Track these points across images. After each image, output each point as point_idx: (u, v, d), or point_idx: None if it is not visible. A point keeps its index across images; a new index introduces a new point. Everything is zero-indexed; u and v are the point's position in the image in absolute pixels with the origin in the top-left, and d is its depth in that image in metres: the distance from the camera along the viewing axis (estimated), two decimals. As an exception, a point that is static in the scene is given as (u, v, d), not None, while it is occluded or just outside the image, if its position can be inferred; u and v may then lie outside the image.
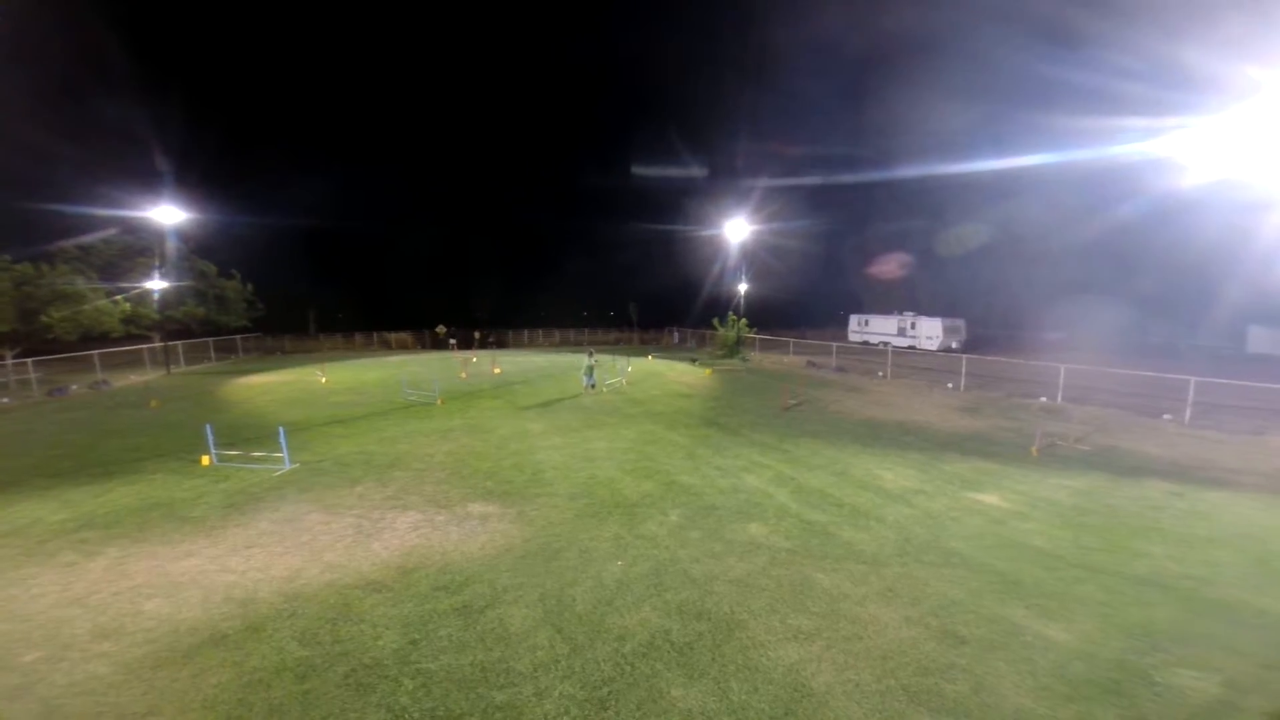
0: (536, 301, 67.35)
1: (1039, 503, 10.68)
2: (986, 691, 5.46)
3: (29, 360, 25.11)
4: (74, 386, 25.02)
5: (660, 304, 59.90)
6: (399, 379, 26.62)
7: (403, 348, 48.87)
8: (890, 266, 58.29)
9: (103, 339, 29.41)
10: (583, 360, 24.34)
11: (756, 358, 36.93)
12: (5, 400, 22.19)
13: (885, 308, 50.30)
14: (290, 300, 51.71)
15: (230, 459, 13.20)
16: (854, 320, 49.75)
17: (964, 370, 24.69)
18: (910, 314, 44.24)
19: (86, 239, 30.73)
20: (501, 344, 50.67)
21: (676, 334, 53.10)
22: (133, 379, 28.45)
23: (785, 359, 35.56)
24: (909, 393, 23.64)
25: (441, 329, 49.23)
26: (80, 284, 27.29)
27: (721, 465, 12.91)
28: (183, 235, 35.03)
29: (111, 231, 31.93)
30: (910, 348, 41.51)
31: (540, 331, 54.56)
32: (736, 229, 39.81)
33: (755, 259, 44.26)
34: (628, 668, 5.77)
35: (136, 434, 16.48)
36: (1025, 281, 47.61)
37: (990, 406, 20.54)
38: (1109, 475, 12.42)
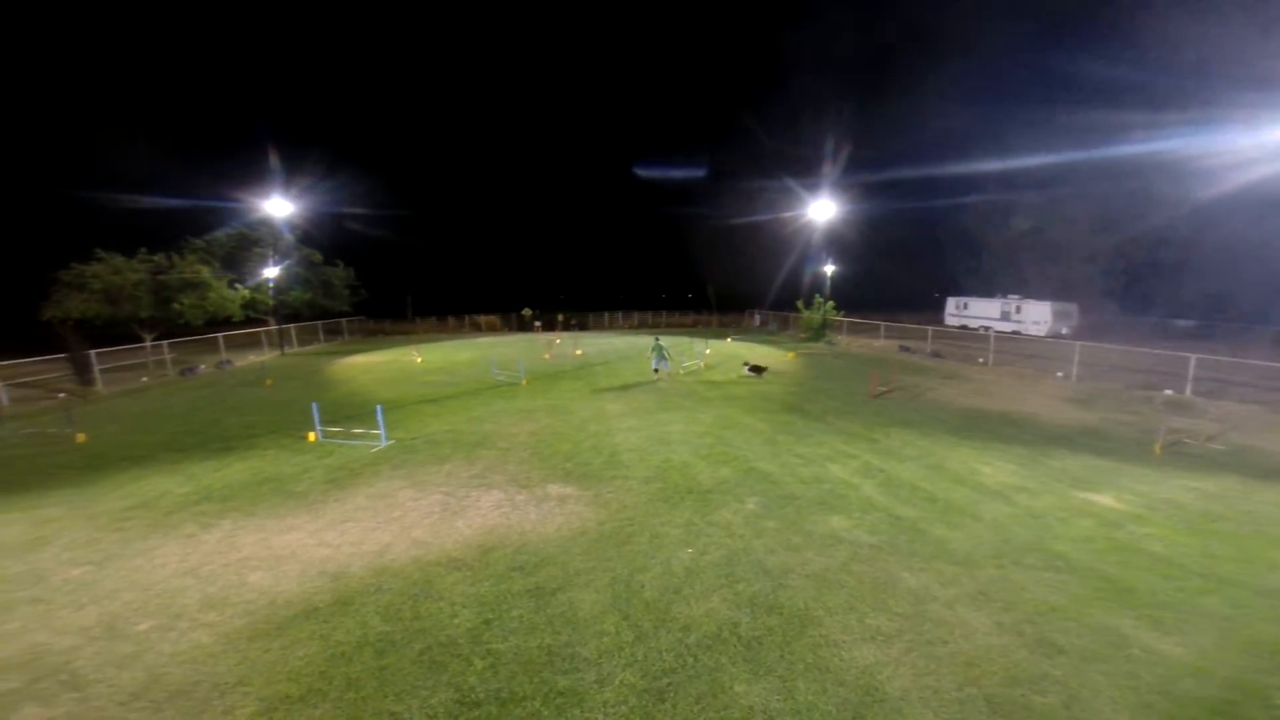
0: (616, 284, 68.07)
1: (1160, 505, 9.75)
2: (1079, 706, 5.08)
3: (164, 343, 27.88)
4: (201, 366, 27.56)
5: (740, 286, 58.91)
6: (487, 360, 27.59)
7: (491, 330, 50.51)
8: (990, 245, 54.51)
9: (226, 323, 32.12)
10: (649, 343, 24.24)
11: (844, 341, 35.64)
12: (144, 379, 24.74)
13: (987, 289, 47.17)
14: (389, 285, 54.59)
15: (333, 435, 14.12)
16: (952, 303, 46.95)
17: (1076, 358, 22.74)
18: (1015, 297, 41.27)
19: (217, 235, 33.76)
20: (583, 326, 51.45)
21: (758, 316, 51.98)
22: (251, 359, 31.00)
23: (875, 343, 34.10)
24: (1013, 381, 22.12)
25: (528, 312, 50.57)
26: (205, 273, 29.83)
27: (803, 453, 12.54)
28: (292, 226, 37.67)
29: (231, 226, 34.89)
30: (1015, 333, 38.81)
31: (620, 314, 54.91)
32: (822, 209, 38.38)
33: (843, 239, 42.62)
34: (690, 659, 5.73)
35: (253, 411, 17.93)
36: (1149, 263, 43.12)
37: (1106, 398, 18.87)
38: (1245, 478, 11.15)
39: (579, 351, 31.72)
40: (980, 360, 26.73)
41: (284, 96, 79.76)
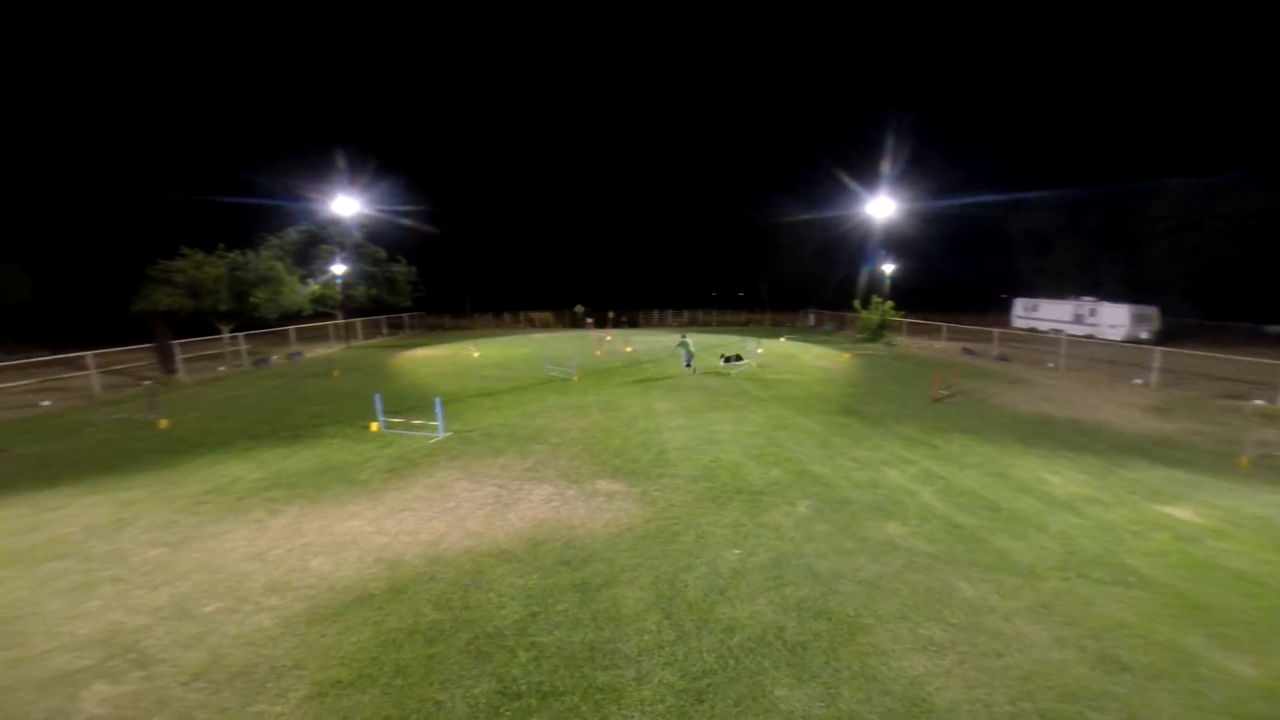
0: (667, 281, 68.02)
1: (1245, 521, 9.15)
2: (1139, 724, 4.84)
3: (240, 334, 29.44)
4: (274, 357, 29.01)
5: (794, 284, 57.80)
6: (541, 355, 27.99)
7: (545, 326, 51.39)
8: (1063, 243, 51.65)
9: (296, 316, 33.64)
10: (687, 341, 24.30)
11: (903, 342, 34.63)
12: (222, 369, 26.23)
13: (1057, 290, 44.84)
14: (448, 281, 56.15)
15: (394, 426, 14.62)
16: (1020, 304, 44.86)
17: (1156, 364, 21.42)
18: (1089, 299, 39.09)
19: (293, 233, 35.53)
20: (633, 323, 51.67)
21: (812, 316, 50.97)
22: (320, 351, 32.51)
23: (936, 345, 32.97)
24: (1086, 388, 21.02)
25: (580, 308, 51.17)
26: (279, 269, 31.30)
27: (859, 457, 12.28)
28: (358, 224, 39.20)
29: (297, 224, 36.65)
30: (1089, 337, 36.77)
31: (670, 311, 54.82)
32: (881, 205, 37.31)
33: (902, 236, 41.33)
34: (732, 661, 5.70)
35: (320, 401, 18.77)
36: (1236, 263, 39.86)
37: (1187, 407, 17.72)
38: (1343, 495, 10.31)
39: (629, 349, 31.87)
40: (1050, 365, 25.51)
41: (352, 98, 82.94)
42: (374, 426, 14.65)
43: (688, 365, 23.52)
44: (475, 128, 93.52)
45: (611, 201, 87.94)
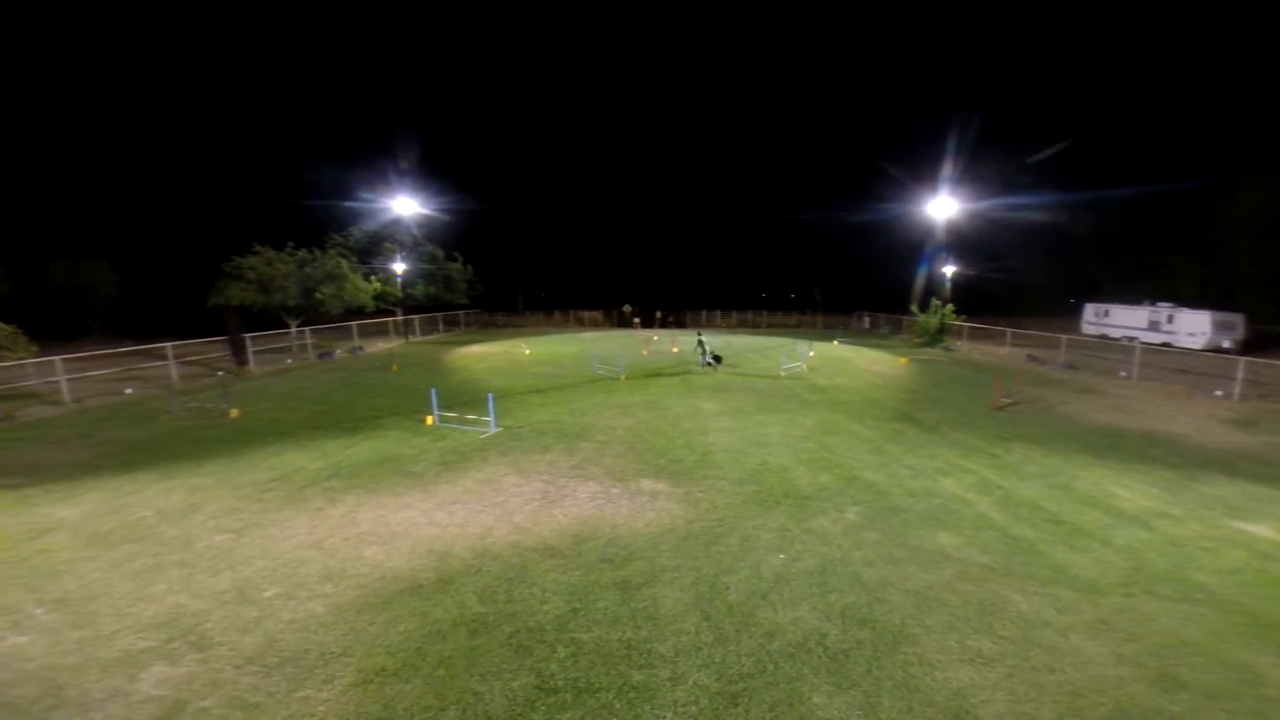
0: (715, 281, 67.65)
1: (1331, 540, 8.54)
2: (1195, 743, 4.61)
3: (307, 329, 30.83)
4: (337, 351, 30.24)
5: (848, 286, 56.63)
6: (589, 354, 28.29)
7: (593, 325, 51.95)
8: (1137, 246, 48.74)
9: (359, 312, 34.99)
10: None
11: (963, 348, 33.44)
12: (289, 361, 27.48)
13: (1130, 295, 42.43)
14: (502, 280, 57.38)
15: (448, 420, 15.08)
16: (1090, 309, 42.60)
17: (1240, 375, 20.07)
18: (1166, 305, 36.83)
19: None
20: (680, 324, 51.57)
21: (867, 318, 49.65)
22: (380, 346, 33.67)
23: (999, 351, 31.69)
24: (1161, 398, 19.88)
25: (628, 308, 51.48)
26: (344, 266, 32.59)
27: (913, 465, 11.98)
28: (417, 224, 40.46)
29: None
30: (1165, 345, 34.57)
31: (718, 312, 54.46)
32: (942, 206, 36.07)
33: (964, 238, 39.86)
34: (770, 666, 5.66)
35: (379, 394, 19.45)
36: None
37: (1273, 420, 16.58)
38: None
39: (675, 349, 31.81)
40: (1122, 374, 24.22)
41: (415, 103, 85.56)
42: (429, 420, 15.11)
43: (709, 364, 24.14)
44: (532, 128, 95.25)
45: (662, 201, 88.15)
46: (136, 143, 57.57)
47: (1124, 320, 38.90)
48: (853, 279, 57.74)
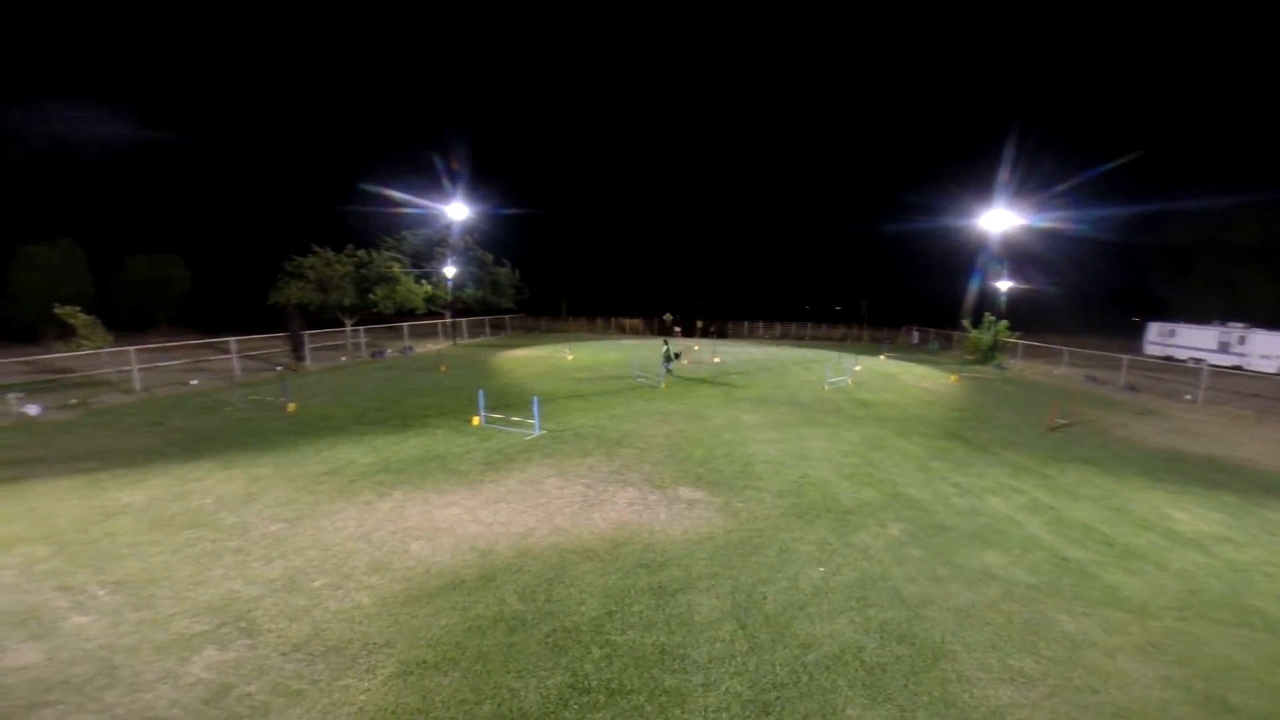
0: (758, 292, 67.20)
1: None
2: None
3: (361, 328, 31.91)
4: (389, 350, 31.22)
5: (896, 299, 55.44)
6: (630, 361, 28.51)
7: (634, 332, 52.26)
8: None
9: (410, 313, 36.06)
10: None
11: (1017, 366, 32.38)
12: (343, 359, 28.50)
13: (1197, 314, 40.36)
14: (547, 285, 58.31)
15: (494, 421, 15.42)
16: (1154, 329, 40.74)
17: (1317, 399, 18.97)
18: (1238, 325, 34.94)
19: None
20: (722, 334, 51.35)
21: (916, 333, 48.43)
22: (429, 347, 34.62)
23: (1055, 370, 30.56)
24: (1228, 422, 18.92)
25: (668, 317, 51.59)
26: (397, 269, 33.66)
27: (961, 483, 11.71)
28: (467, 229, 41.47)
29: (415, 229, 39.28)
30: (1235, 368, 32.89)
31: (760, 324, 53.93)
32: (997, 219, 35.03)
33: (1021, 252, 38.60)
34: (805, 677, 5.63)
35: (428, 393, 20.00)
36: None
37: (1352, 449, 15.60)
38: None
39: (717, 359, 31.73)
40: (1187, 397, 23.09)
41: (465, 111, 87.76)
42: (475, 420, 15.46)
43: (666, 369, 24.09)
44: (580, 136, 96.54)
45: (706, 210, 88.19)
46: (210, 144, 60.64)
47: (1191, 341, 37.11)
48: (901, 292, 56.60)
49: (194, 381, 21.47)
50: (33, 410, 15.94)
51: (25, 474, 11.08)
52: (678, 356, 25.35)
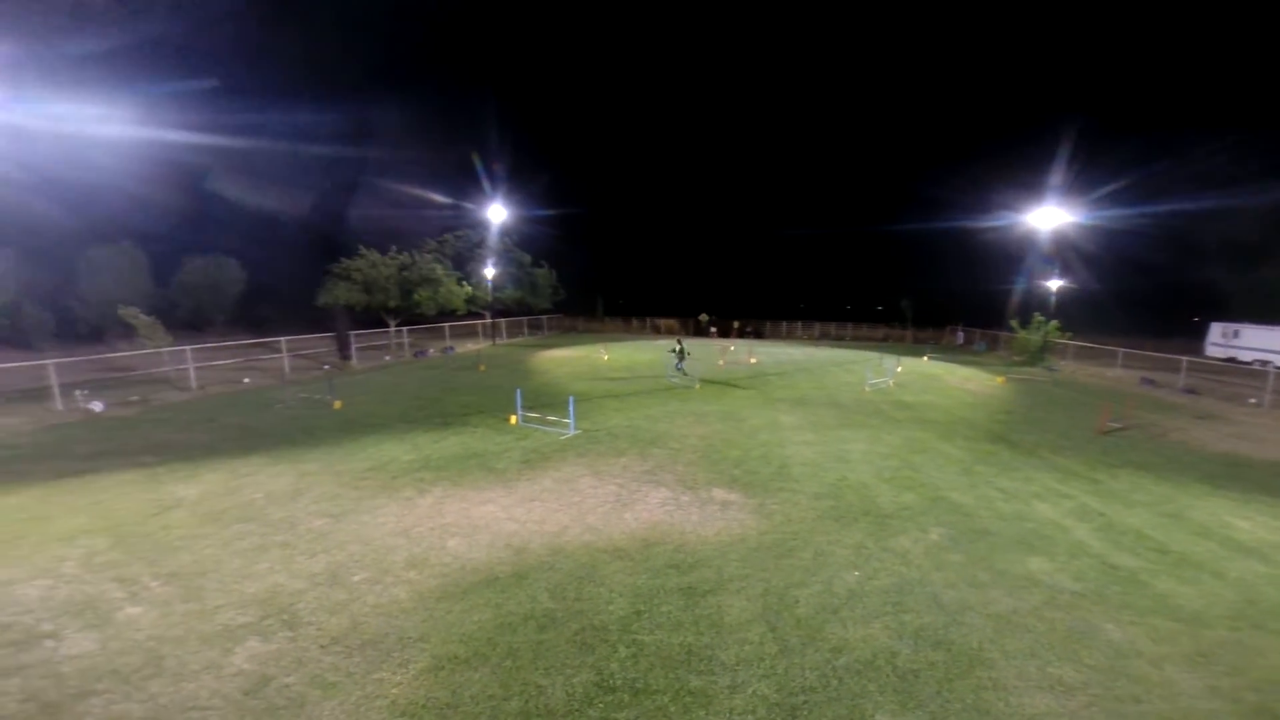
0: (795, 292, 66.31)
1: None
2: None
3: (404, 328, 32.70)
4: (431, 350, 31.97)
5: (940, 300, 53.89)
6: (665, 362, 28.51)
7: (669, 332, 52.01)
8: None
9: (451, 314, 36.79)
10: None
11: (1067, 368, 31.23)
12: (387, 358, 29.28)
13: (1265, 313, 38.21)
14: (582, 286, 58.75)
15: (531, 420, 15.65)
16: (1216, 329, 38.72)
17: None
18: (1310, 326, 33.02)
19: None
20: (759, 334, 50.85)
21: (961, 334, 47.08)
22: (469, 347, 35.28)
23: (1108, 372, 29.35)
24: (1295, 427, 17.98)
25: (704, 317, 51.37)
26: (439, 271, 34.38)
27: (1006, 488, 11.41)
28: (506, 231, 42.15)
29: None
30: (1306, 371, 31.11)
31: (799, 324, 53.16)
32: (1047, 216, 33.84)
33: (1072, 249, 37.17)
34: (835, 681, 5.57)
35: (468, 392, 20.41)
36: None
37: None
38: None
39: (753, 360, 31.43)
40: (1252, 401, 21.94)
41: (506, 110, 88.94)
42: (513, 419, 15.71)
43: (678, 368, 24.70)
44: (615, 135, 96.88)
45: (741, 208, 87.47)
46: (253, 148, 62.85)
47: (1258, 341, 35.17)
48: (946, 292, 55.07)
49: (246, 380, 22.33)
50: (97, 407, 16.83)
51: (91, 468, 11.70)
52: (688, 355, 25.46)
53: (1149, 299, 52.38)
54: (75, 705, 5.17)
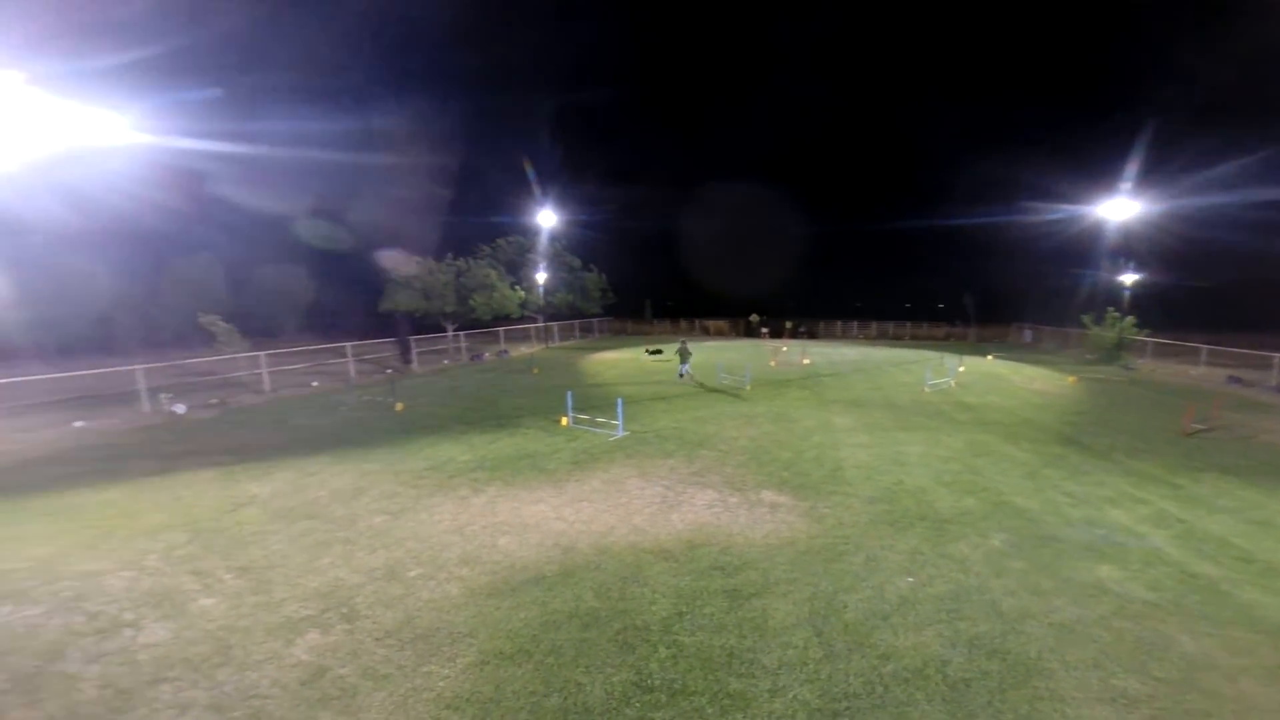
0: (851, 290, 64.74)
1: None
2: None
3: (461, 333, 33.63)
4: (486, 354, 32.81)
5: (1004, 296, 51.69)
6: (714, 363, 28.36)
7: (719, 334, 51.88)
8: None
9: (505, 318, 37.57)
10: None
11: (1145, 366, 29.50)
12: (445, 362, 30.20)
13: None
14: (632, 288, 58.99)
15: (581, 422, 15.88)
16: (1314, 323, 35.98)
17: None
18: None
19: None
20: (812, 335, 49.83)
21: (1028, 332, 44.92)
22: (523, 350, 36.08)
23: (1191, 370, 27.55)
24: (1401, 429, 16.50)
25: (755, 318, 50.74)
26: (493, 276, 35.18)
27: (1075, 492, 10.91)
28: (556, 236, 42.82)
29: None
30: None
31: (855, 323, 51.67)
32: (1120, 207, 32.00)
33: (1149, 241, 34.97)
34: (880, 689, 5.45)
35: (521, 394, 20.88)
36: None
37: None
38: None
39: (807, 360, 30.86)
40: (1355, 400, 20.28)
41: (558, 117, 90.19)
42: (564, 421, 15.99)
43: (683, 371, 24.68)
44: (662, 135, 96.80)
45: (795, 203, 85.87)
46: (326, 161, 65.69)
47: (1363, 337, 32.34)
48: (1011, 288, 52.78)
49: (315, 383, 23.44)
50: (180, 409, 17.99)
51: (173, 466, 12.53)
52: (689, 356, 25.49)
53: (1237, 292, 48.77)
54: (147, 691, 5.51)
